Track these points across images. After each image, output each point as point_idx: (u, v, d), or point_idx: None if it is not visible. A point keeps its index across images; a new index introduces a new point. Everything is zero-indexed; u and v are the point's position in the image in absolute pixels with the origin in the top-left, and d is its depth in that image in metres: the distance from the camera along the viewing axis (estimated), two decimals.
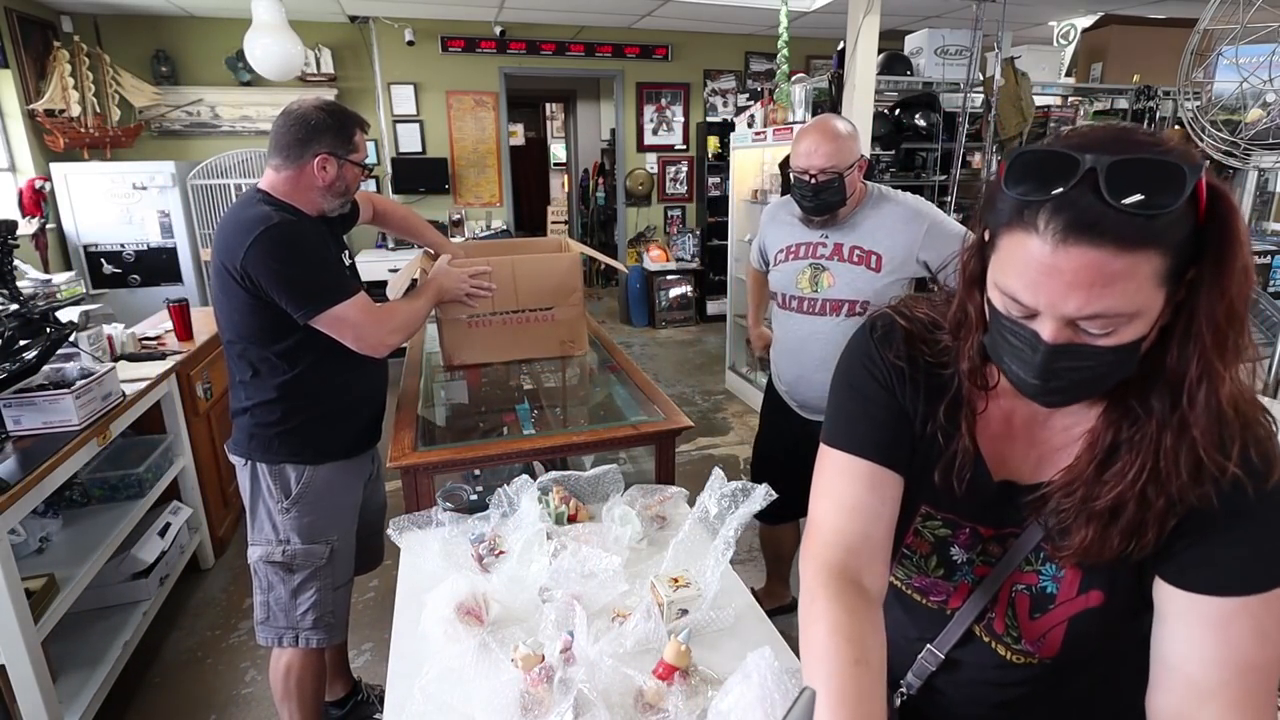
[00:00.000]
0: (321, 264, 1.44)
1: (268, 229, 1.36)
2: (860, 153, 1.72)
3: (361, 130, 1.53)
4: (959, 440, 0.75)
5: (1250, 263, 0.58)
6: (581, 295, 1.93)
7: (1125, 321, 0.58)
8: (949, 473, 0.76)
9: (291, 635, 1.57)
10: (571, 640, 0.98)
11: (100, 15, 4.83)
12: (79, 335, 2.09)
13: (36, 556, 1.91)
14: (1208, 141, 2.07)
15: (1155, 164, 0.55)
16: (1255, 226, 4.41)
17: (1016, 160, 0.60)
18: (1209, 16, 2.01)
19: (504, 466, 1.63)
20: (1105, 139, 0.58)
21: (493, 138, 5.99)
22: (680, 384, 4.82)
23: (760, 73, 6.53)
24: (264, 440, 1.51)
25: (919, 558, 0.82)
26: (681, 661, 0.94)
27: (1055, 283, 0.58)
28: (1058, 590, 0.73)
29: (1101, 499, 0.66)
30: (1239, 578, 0.63)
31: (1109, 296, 0.56)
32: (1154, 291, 0.57)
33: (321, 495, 1.55)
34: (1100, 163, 0.55)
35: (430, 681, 0.98)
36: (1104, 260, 0.55)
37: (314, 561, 1.54)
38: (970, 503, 0.77)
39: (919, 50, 4.16)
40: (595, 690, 0.90)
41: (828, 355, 1.72)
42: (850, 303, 1.76)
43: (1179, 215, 0.55)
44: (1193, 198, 0.56)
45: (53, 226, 4.34)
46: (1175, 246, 0.56)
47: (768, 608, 1.28)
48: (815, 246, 1.80)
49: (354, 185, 1.55)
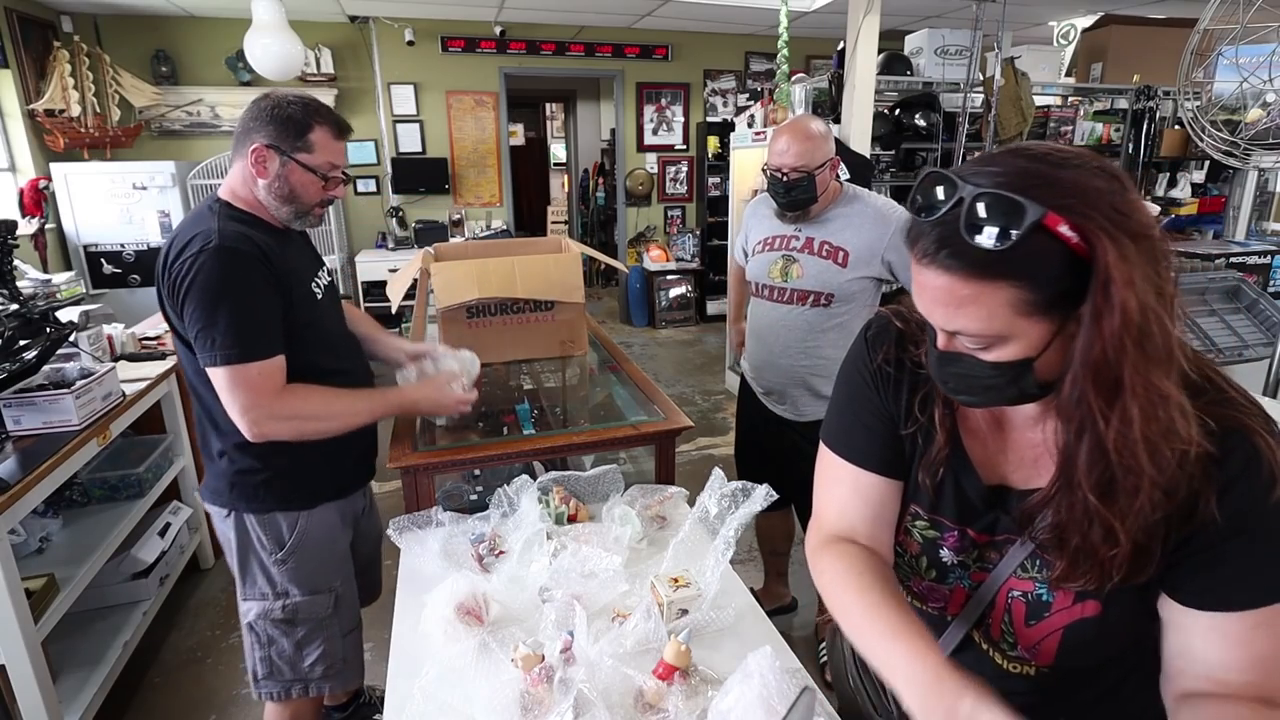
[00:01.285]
0: (245, 307, 1.20)
1: (205, 249, 1.18)
2: (832, 153, 1.78)
3: (331, 130, 1.29)
4: (936, 440, 0.77)
5: (1139, 304, 0.57)
6: (582, 295, 1.93)
7: (998, 342, 0.62)
8: (929, 473, 0.78)
9: (301, 687, 1.43)
10: (571, 640, 0.98)
11: (100, 15, 4.83)
12: (79, 335, 2.09)
13: (36, 556, 1.91)
14: (1208, 141, 2.07)
15: (1006, 201, 0.57)
16: (1255, 226, 4.41)
17: (924, 179, 0.64)
18: (1209, 16, 2.01)
19: (504, 466, 1.63)
20: (1007, 168, 0.60)
21: (493, 138, 5.99)
22: (680, 384, 4.82)
23: (760, 73, 6.54)
24: (247, 489, 1.34)
25: (909, 558, 0.83)
26: (681, 661, 0.94)
27: (924, 297, 0.64)
28: (1054, 599, 0.72)
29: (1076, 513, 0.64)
30: (1255, 591, 0.62)
31: (963, 318, 0.61)
32: (1016, 320, 0.60)
33: (319, 541, 1.41)
34: (970, 194, 0.58)
35: (430, 681, 0.98)
36: (953, 284, 0.60)
37: (319, 612, 1.41)
38: (959, 506, 0.78)
39: (919, 50, 4.16)
40: (595, 690, 0.90)
41: (791, 342, 1.90)
42: (816, 294, 1.84)
43: (1040, 250, 0.57)
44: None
45: (53, 226, 4.35)
46: (1036, 280, 0.58)
47: (768, 608, 1.28)
48: (789, 239, 1.88)
49: (304, 194, 1.30)
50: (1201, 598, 0.64)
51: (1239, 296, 2.37)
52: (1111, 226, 0.57)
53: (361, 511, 1.59)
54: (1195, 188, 4.67)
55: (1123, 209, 0.58)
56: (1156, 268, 0.59)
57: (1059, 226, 0.57)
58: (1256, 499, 0.61)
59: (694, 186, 6.81)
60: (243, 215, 1.29)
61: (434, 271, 1.85)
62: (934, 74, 4.06)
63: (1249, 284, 2.39)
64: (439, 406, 1.50)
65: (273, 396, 1.23)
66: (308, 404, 1.28)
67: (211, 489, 1.37)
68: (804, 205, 1.80)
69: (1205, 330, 2.22)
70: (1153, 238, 0.58)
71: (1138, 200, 0.60)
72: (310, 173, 1.28)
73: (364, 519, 1.62)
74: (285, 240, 1.35)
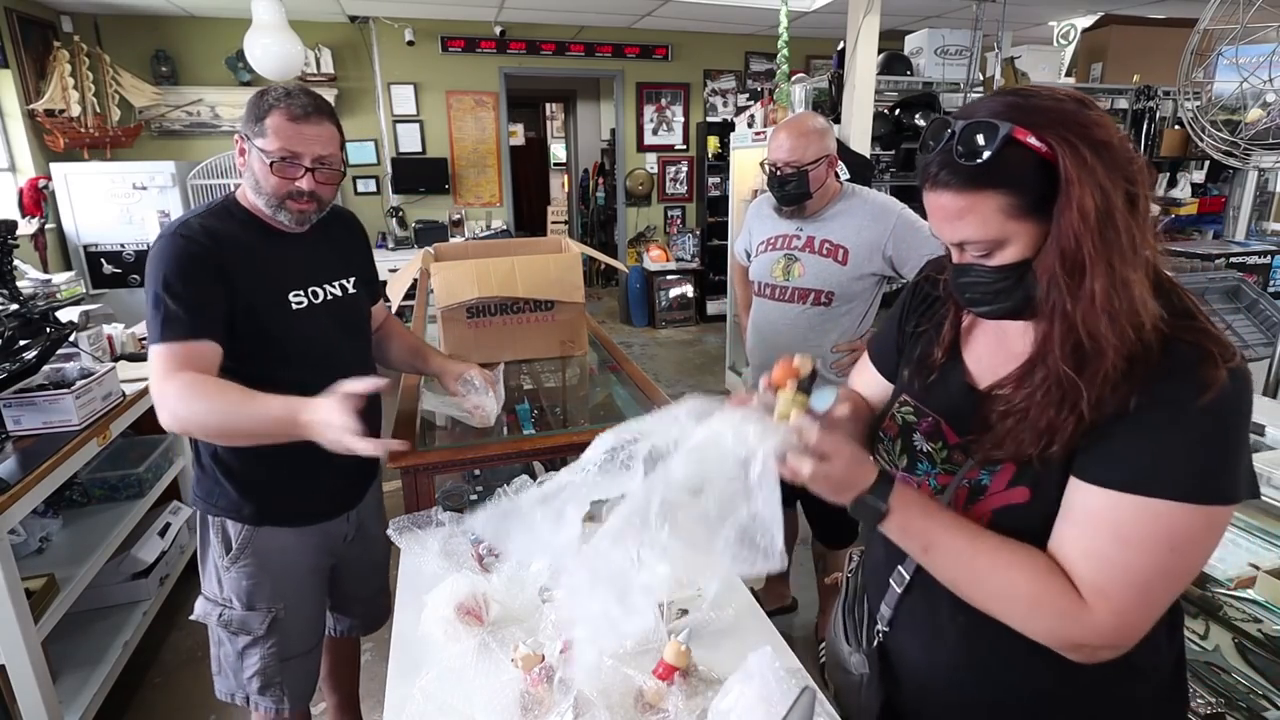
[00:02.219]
0: (171, 292, 1.15)
1: (161, 235, 1.20)
2: (829, 150, 1.80)
3: (285, 114, 1.19)
4: (938, 344, 0.88)
5: (1095, 201, 0.65)
6: (582, 295, 1.93)
7: (996, 247, 0.72)
8: (921, 365, 0.90)
9: (242, 695, 1.40)
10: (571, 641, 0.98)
11: (100, 15, 4.83)
12: (79, 335, 2.09)
13: (36, 556, 1.91)
14: (1208, 141, 2.06)
15: (983, 125, 0.68)
16: (1255, 226, 4.41)
17: (930, 124, 0.75)
18: (1209, 16, 2.01)
19: (504, 466, 1.62)
20: (994, 104, 0.71)
21: (493, 138, 5.99)
22: (680, 384, 4.82)
23: (760, 73, 6.53)
24: (205, 487, 1.33)
25: (889, 440, 0.91)
26: (681, 662, 0.94)
27: (934, 218, 0.75)
28: (990, 483, 0.77)
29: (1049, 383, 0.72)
30: (1120, 475, 0.68)
31: (964, 227, 0.72)
32: (1008, 223, 0.70)
33: (266, 558, 1.34)
34: (959, 125, 0.70)
35: (430, 681, 0.98)
36: (952, 199, 0.71)
37: (251, 629, 1.35)
38: (944, 400, 0.86)
39: (919, 50, 4.16)
40: (595, 690, 0.90)
41: (794, 340, 1.90)
42: (817, 292, 1.86)
43: (1016, 161, 0.68)
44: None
45: (53, 226, 4.35)
46: (1018, 187, 0.68)
47: (768, 608, 1.28)
48: (790, 238, 1.90)
49: (265, 182, 1.22)
50: (1081, 466, 0.71)
51: (1239, 296, 2.37)
52: (1073, 136, 0.66)
53: (345, 539, 1.49)
54: (1195, 188, 4.67)
55: (1084, 122, 0.67)
56: (1121, 173, 0.67)
57: (1027, 138, 0.67)
58: (1173, 395, 0.66)
59: (694, 186, 6.81)
60: (238, 210, 1.28)
61: (434, 271, 1.85)
62: (934, 74, 4.07)
63: (1249, 284, 2.39)
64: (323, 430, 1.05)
65: (163, 379, 1.13)
66: (191, 396, 1.11)
67: (192, 478, 1.38)
68: (798, 200, 1.82)
69: None
70: (1112, 146, 0.67)
71: (1100, 118, 0.68)
72: (265, 158, 1.21)
73: (349, 547, 1.51)
74: (278, 241, 1.29)
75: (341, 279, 1.40)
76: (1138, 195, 0.68)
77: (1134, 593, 0.68)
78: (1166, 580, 0.68)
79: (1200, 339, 0.68)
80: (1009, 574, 0.72)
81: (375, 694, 1.99)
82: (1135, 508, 0.67)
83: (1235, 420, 0.67)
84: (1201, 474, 0.66)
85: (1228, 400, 0.65)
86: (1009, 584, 0.72)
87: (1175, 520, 0.66)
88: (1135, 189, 0.68)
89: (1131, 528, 0.67)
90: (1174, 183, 4.61)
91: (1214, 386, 0.64)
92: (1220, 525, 0.68)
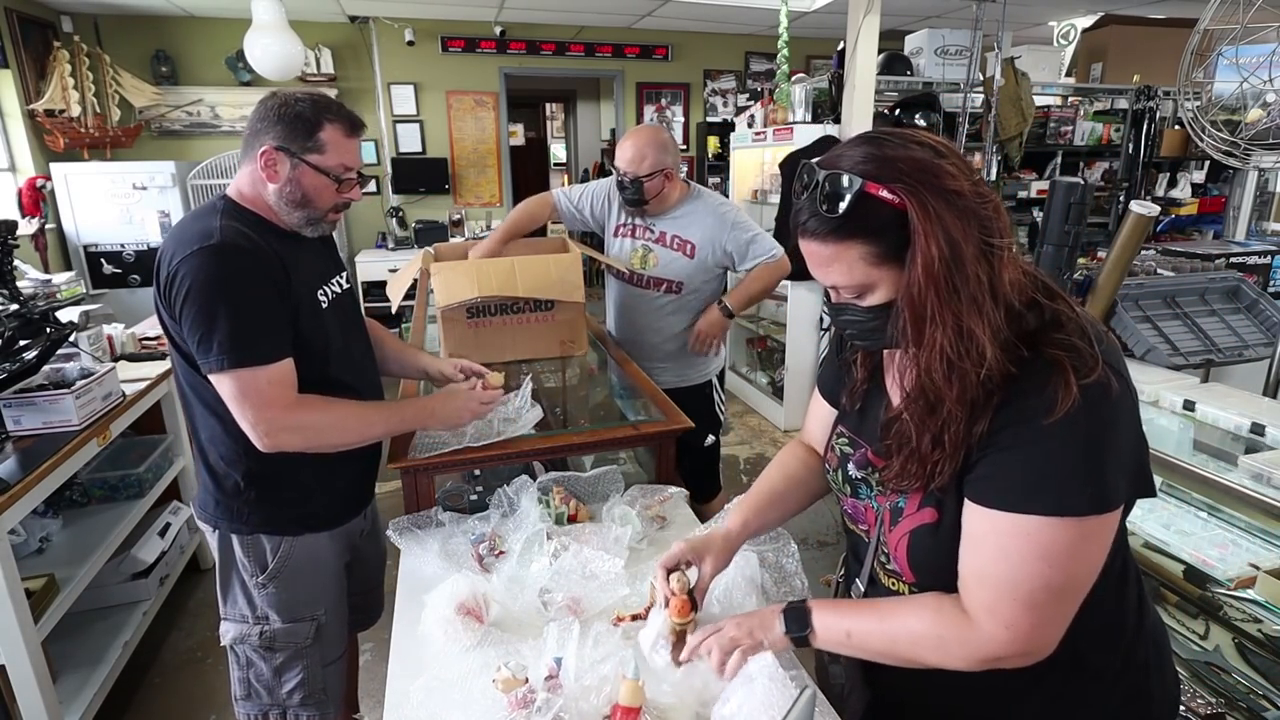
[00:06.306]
0: (250, 308, 1.13)
1: (204, 247, 1.10)
2: (665, 165, 1.96)
3: (343, 128, 1.21)
4: (857, 373, 0.92)
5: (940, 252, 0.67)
6: (582, 295, 1.93)
7: (865, 290, 0.75)
8: (852, 400, 0.93)
9: (278, 712, 1.36)
10: (558, 669, 0.92)
11: (100, 15, 4.83)
12: (79, 335, 2.09)
13: (36, 556, 1.91)
14: (1208, 141, 2.06)
15: (839, 178, 0.70)
16: (1255, 226, 4.41)
17: (800, 168, 0.76)
18: (1209, 16, 2.01)
19: (504, 466, 1.62)
20: (854, 154, 0.72)
21: (493, 138, 5.99)
22: None
23: (760, 73, 6.53)
24: (233, 507, 1.27)
25: (832, 470, 0.95)
26: (637, 700, 0.85)
27: (809, 262, 0.77)
28: (905, 504, 0.81)
29: (915, 421, 0.76)
30: (993, 495, 0.71)
31: (833, 274, 0.75)
32: (871, 270, 0.73)
33: (304, 568, 1.32)
34: (821, 176, 0.72)
35: (430, 681, 0.97)
36: (819, 248, 0.74)
37: (298, 640, 1.33)
38: (868, 428, 0.89)
39: (919, 50, 4.16)
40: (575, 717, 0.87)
41: (650, 322, 2.13)
42: (669, 282, 2.07)
43: (873, 211, 0.69)
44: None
45: (53, 226, 4.35)
46: (876, 236, 0.70)
47: None
48: (644, 229, 2.10)
49: (318, 198, 1.22)
50: (969, 487, 0.74)
51: (1239, 296, 2.36)
52: (920, 187, 0.68)
53: (361, 534, 1.51)
54: (1195, 188, 4.67)
55: (935, 172, 0.69)
56: (975, 218, 0.69)
57: (879, 191, 0.69)
58: (1022, 415, 0.69)
59: None
60: (248, 215, 1.22)
61: (434, 271, 1.85)
62: (934, 74, 4.07)
63: (1249, 284, 2.39)
64: (458, 415, 1.38)
65: (283, 405, 1.14)
66: (324, 414, 1.21)
67: (199, 503, 1.32)
68: (635, 204, 2.02)
69: (1205, 330, 2.22)
70: (963, 194, 0.68)
71: (954, 165, 0.70)
72: (322, 175, 1.20)
73: (365, 541, 1.54)
74: (294, 244, 1.26)
75: (337, 276, 1.40)
76: (992, 237, 0.70)
77: (1019, 605, 0.70)
78: (1049, 591, 0.70)
79: (1058, 354, 0.69)
80: (908, 624, 0.78)
81: (375, 694, 1.99)
82: (1010, 524, 0.70)
83: (1092, 431, 0.68)
84: (1060, 489, 0.68)
85: (1077, 414, 0.66)
86: (911, 634, 0.77)
87: (1044, 534, 0.69)
88: (989, 233, 0.70)
89: (1009, 542, 0.70)
90: (1174, 183, 4.61)
91: (1061, 403, 0.67)
92: (1097, 533, 0.70)
